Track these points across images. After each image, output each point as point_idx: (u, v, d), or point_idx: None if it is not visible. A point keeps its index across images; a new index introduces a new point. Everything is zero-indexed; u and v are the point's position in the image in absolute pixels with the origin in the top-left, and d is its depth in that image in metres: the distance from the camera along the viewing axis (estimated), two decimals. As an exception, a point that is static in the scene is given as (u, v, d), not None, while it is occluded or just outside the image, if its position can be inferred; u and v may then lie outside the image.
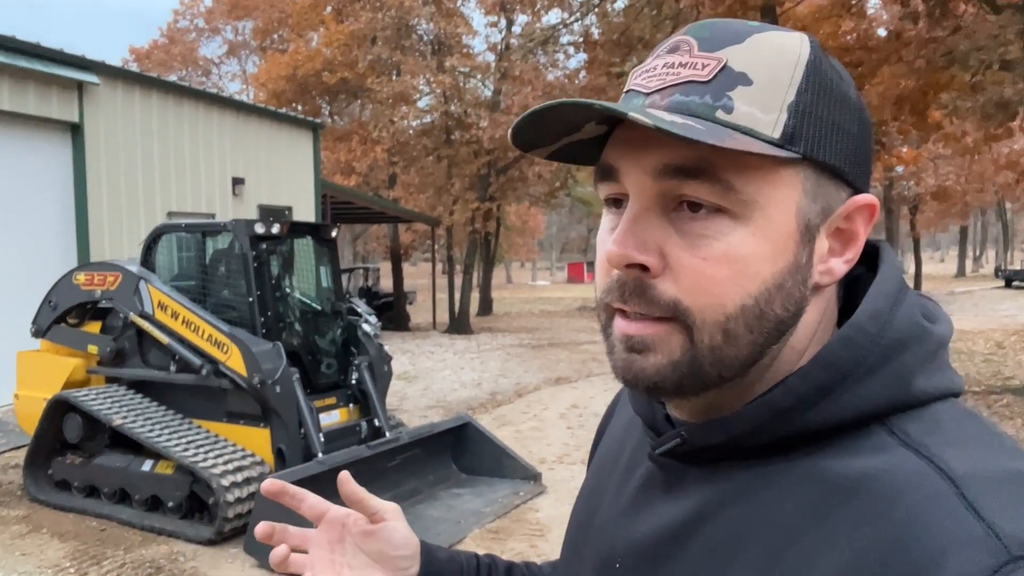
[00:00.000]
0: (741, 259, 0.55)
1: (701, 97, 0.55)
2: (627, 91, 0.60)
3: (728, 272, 0.55)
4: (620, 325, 0.58)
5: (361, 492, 0.80)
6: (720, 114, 0.55)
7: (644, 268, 0.56)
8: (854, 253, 0.59)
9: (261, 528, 0.79)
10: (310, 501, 0.81)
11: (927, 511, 0.48)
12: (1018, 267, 41.04)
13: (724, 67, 0.56)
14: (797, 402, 0.56)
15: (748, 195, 0.55)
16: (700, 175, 0.54)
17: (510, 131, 0.60)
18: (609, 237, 0.59)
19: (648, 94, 0.58)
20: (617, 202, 0.60)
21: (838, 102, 0.58)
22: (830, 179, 0.57)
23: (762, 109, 0.55)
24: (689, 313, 0.56)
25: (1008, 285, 34.87)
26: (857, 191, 0.59)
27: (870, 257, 0.63)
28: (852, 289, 0.63)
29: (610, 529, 0.68)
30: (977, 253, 67.81)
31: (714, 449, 0.59)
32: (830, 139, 0.57)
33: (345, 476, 0.80)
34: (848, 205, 0.58)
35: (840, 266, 0.59)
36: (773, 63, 0.56)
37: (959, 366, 12.65)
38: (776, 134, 0.55)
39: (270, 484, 0.79)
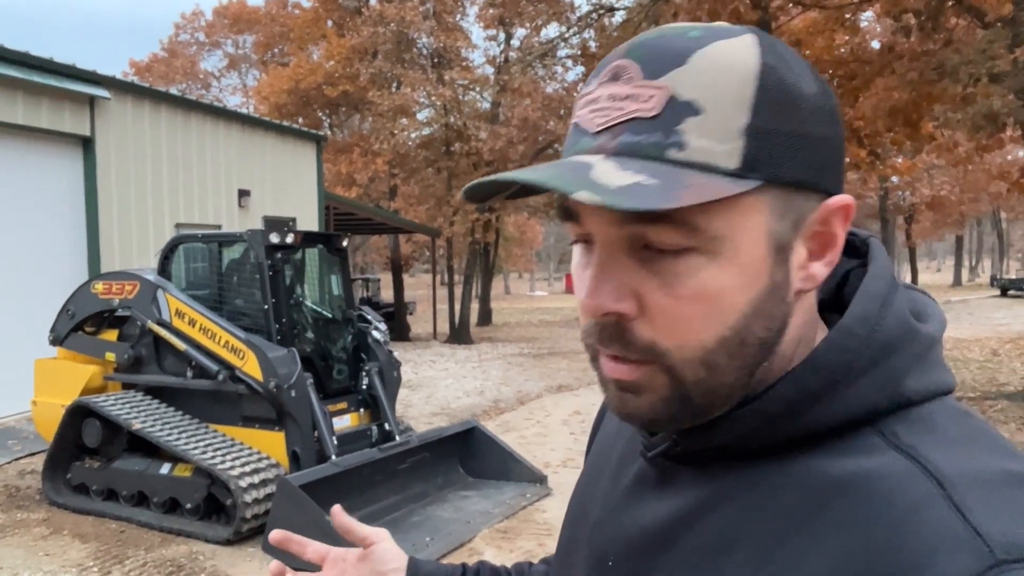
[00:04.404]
0: (715, 294, 0.53)
1: (650, 136, 0.52)
2: (574, 122, 0.57)
3: (703, 309, 0.54)
4: (608, 367, 0.58)
5: (352, 523, 0.93)
6: (672, 152, 0.51)
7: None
8: (834, 254, 0.57)
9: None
10: (314, 547, 0.93)
11: (914, 513, 0.48)
12: (1013, 276, 41.30)
13: (671, 98, 0.52)
14: (787, 408, 0.55)
15: (714, 231, 0.52)
16: (663, 220, 0.52)
17: (463, 193, 0.57)
18: (584, 273, 0.57)
19: (595, 134, 0.54)
20: (588, 240, 0.58)
21: (796, 107, 0.53)
22: (797, 192, 0.55)
23: (717, 139, 0.51)
24: (667, 355, 0.55)
25: (1003, 294, 35.21)
26: (830, 193, 0.56)
27: (860, 251, 0.63)
28: (844, 282, 0.63)
29: (603, 526, 0.67)
30: (973, 262, 68.15)
31: (705, 452, 0.59)
32: (793, 153, 0.53)
33: (337, 509, 0.95)
34: (822, 210, 0.56)
35: (821, 269, 0.57)
36: (722, 84, 0.52)
37: (955, 373, 12.81)
38: (735, 164, 0.52)
39: (277, 535, 0.92)
